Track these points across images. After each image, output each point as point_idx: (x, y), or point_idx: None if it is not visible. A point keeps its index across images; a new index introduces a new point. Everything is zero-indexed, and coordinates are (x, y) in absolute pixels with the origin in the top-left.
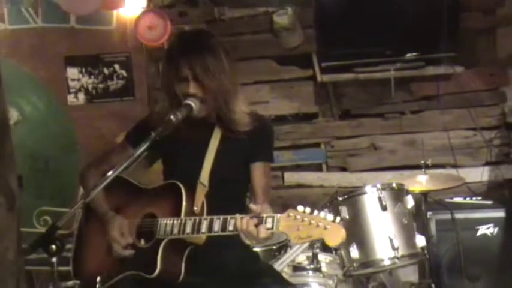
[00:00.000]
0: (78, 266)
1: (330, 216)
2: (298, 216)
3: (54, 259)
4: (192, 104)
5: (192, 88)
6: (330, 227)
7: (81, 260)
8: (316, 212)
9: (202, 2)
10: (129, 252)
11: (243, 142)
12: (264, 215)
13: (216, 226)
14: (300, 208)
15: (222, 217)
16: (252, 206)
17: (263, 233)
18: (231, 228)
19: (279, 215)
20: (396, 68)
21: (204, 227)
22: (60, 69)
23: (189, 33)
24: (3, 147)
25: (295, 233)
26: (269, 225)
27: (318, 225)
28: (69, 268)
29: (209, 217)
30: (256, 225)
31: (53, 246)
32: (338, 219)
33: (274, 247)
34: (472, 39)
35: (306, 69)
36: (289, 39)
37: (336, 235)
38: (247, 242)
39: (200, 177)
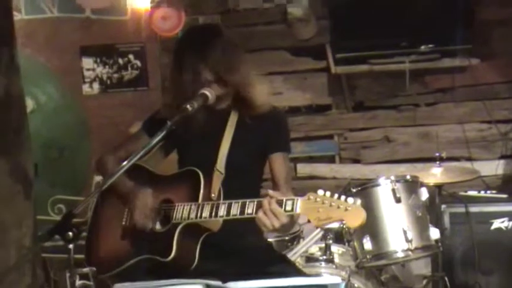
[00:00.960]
0: (92, 253)
1: (351, 199)
2: (318, 199)
3: (71, 246)
4: (208, 93)
5: (217, 91)
6: (351, 208)
7: (95, 247)
8: (336, 195)
9: None
10: (150, 224)
11: (259, 130)
12: (284, 198)
13: (235, 209)
14: (320, 192)
15: (240, 201)
16: (271, 192)
17: (284, 218)
18: (249, 211)
19: (299, 198)
20: (411, 59)
21: (222, 211)
22: (75, 59)
23: (200, 31)
24: (21, 137)
25: (315, 215)
26: (289, 207)
27: (338, 207)
28: (83, 256)
29: (227, 201)
30: (275, 212)
31: (70, 233)
32: (359, 201)
33: (286, 238)
34: (488, 31)
35: (320, 60)
36: (303, 30)
37: (356, 217)
38: (265, 229)
39: (216, 164)
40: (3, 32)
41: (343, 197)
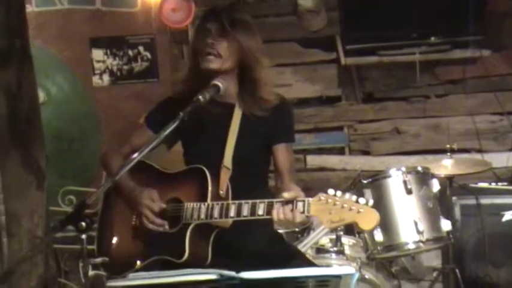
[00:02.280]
0: (103, 253)
1: (362, 200)
2: (329, 200)
3: (83, 236)
4: (219, 84)
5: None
6: (363, 210)
7: (106, 247)
8: (347, 195)
9: None
10: (160, 221)
11: (263, 123)
12: (295, 200)
13: (245, 211)
14: (331, 192)
15: (250, 201)
16: (285, 194)
17: (298, 217)
18: (260, 212)
19: (310, 198)
20: (421, 51)
21: (232, 212)
22: (86, 51)
23: (215, 8)
24: (33, 127)
25: (327, 217)
26: (300, 209)
27: (350, 209)
28: (94, 247)
29: (237, 202)
30: (291, 211)
31: (83, 223)
32: (371, 202)
33: (297, 229)
34: (499, 22)
35: (330, 52)
36: (313, 22)
37: (370, 219)
38: (280, 227)
39: (223, 160)
40: (16, 24)
41: (354, 197)
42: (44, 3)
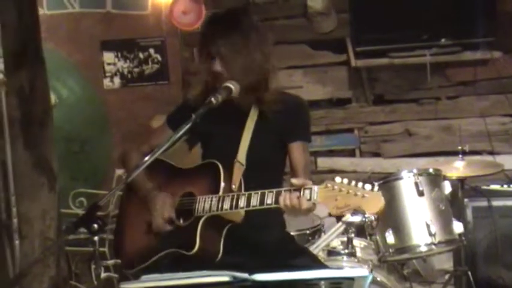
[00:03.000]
0: (119, 248)
1: (368, 186)
2: (336, 187)
3: (96, 238)
4: (232, 86)
5: (217, 65)
6: (369, 195)
7: (121, 243)
8: (353, 182)
9: None
10: (169, 227)
11: (279, 122)
12: (302, 187)
13: (254, 200)
14: (338, 179)
15: (260, 191)
16: (293, 180)
17: (305, 204)
18: (269, 201)
19: (316, 186)
20: (432, 53)
21: (242, 202)
22: (96, 54)
23: (221, 13)
24: (46, 130)
25: (333, 203)
26: (307, 196)
27: (356, 194)
28: (105, 249)
29: (247, 192)
30: (298, 198)
31: (95, 225)
32: (376, 187)
33: (308, 231)
34: (510, 24)
35: (340, 54)
36: (323, 24)
37: (375, 203)
38: (289, 215)
39: (237, 155)
40: (28, 27)
41: (360, 184)
42: (55, 6)
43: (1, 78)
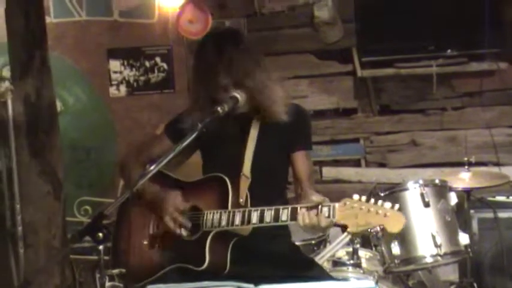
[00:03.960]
0: (119, 263)
1: (388, 204)
2: (355, 205)
3: (101, 247)
4: (238, 96)
5: (235, 93)
6: (390, 214)
7: (122, 257)
8: (372, 200)
9: None
10: (185, 221)
11: (281, 132)
12: (320, 205)
13: (268, 217)
14: (356, 197)
15: (274, 208)
16: (314, 197)
17: (324, 222)
18: (284, 218)
19: (336, 204)
20: (438, 63)
21: (254, 218)
22: (103, 62)
23: (220, 36)
24: (51, 138)
25: (353, 221)
26: (326, 214)
27: (377, 213)
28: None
29: (259, 208)
30: (316, 215)
31: (100, 234)
32: (397, 206)
33: (313, 242)
34: None
35: (346, 64)
36: (329, 34)
37: (396, 222)
38: (306, 231)
39: (243, 168)
40: (36, 35)
41: (379, 202)
42: (62, 14)
43: (7, 86)
